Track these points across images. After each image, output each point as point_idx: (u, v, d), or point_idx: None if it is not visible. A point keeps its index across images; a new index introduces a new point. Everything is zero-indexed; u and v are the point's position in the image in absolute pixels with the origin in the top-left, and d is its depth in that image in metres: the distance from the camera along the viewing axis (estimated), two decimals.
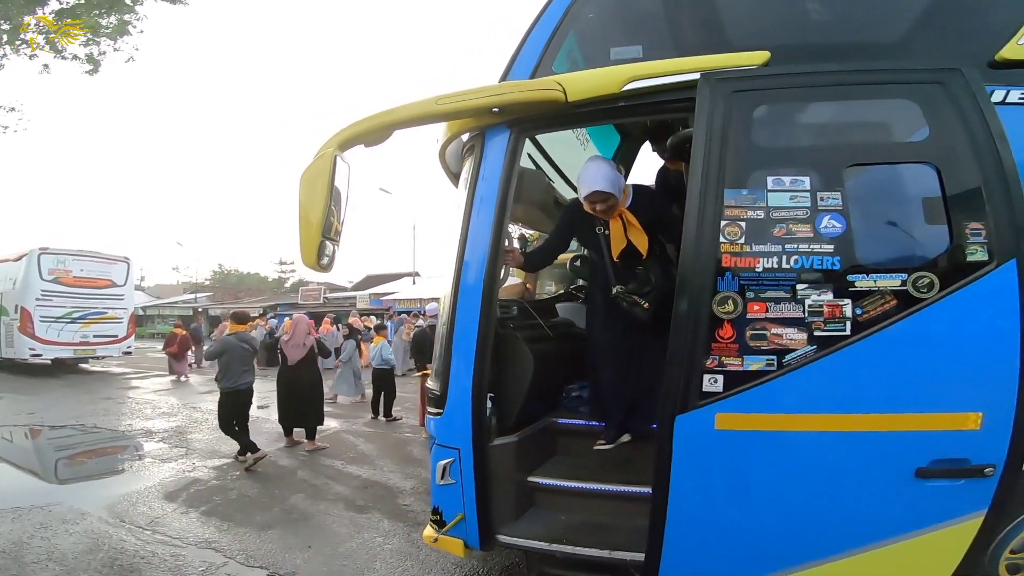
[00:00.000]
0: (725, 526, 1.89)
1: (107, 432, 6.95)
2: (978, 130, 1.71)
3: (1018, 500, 1.82)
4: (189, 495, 4.40)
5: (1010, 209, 1.66)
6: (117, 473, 5.13)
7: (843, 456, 1.77)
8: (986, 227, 1.67)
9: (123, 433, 6.88)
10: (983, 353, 1.67)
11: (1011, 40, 1.88)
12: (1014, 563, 1.97)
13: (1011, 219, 1.66)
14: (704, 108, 1.91)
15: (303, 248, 2.28)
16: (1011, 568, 1.98)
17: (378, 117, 2.37)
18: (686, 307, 1.84)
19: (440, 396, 2.43)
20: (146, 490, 4.49)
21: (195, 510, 4.03)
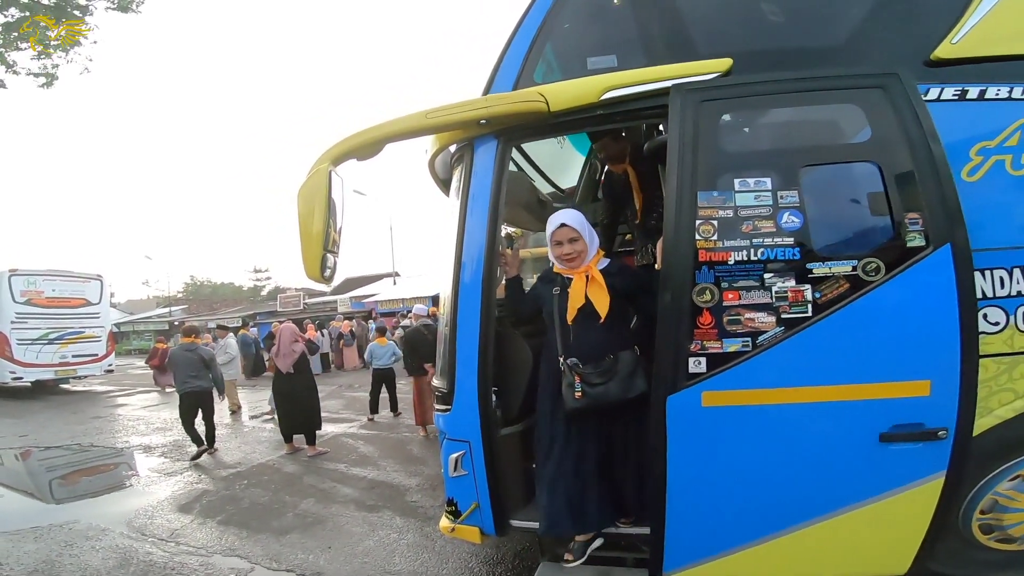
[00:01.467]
0: (718, 496, 2.09)
1: (105, 449, 6.98)
2: (913, 129, 1.93)
3: (977, 463, 2.05)
4: (202, 506, 4.50)
5: (942, 199, 1.89)
6: (125, 489, 5.20)
7: (815, 424, 1.98)
8: (922, 216, 1.90)
9: (121, 450, 6.90)
10: (926, 327, 1.90)
11: (944, 40, 2.09)
12: (986, 523, 2.20)
13: (944, 208, 1.89)
14: (676, 117, 2.09)
15: (306, 262, 2.40)
16: (984, 528, 2.21)
17: (370, 132, 2.48)
18: (670, 299, 2.04)
19: (447, 393, 2.57)
20: (159, 504, 4.59)
21: (212, 520, 4.14)
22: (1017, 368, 1.99)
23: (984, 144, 2.00)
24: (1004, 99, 2.01)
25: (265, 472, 5.43)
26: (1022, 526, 2.18)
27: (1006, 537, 2.22)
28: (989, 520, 2.19)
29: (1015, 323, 1.98)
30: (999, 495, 2.15)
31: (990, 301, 1.98)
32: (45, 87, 11.48)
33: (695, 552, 2.17)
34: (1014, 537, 2.21)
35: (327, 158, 2.45)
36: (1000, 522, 2.19)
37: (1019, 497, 2.14)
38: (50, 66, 11.11)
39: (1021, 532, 2.19)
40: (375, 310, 22.62)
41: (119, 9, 11.04)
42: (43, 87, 11.46)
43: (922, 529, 2.03)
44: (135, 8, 11.28)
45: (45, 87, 11.48)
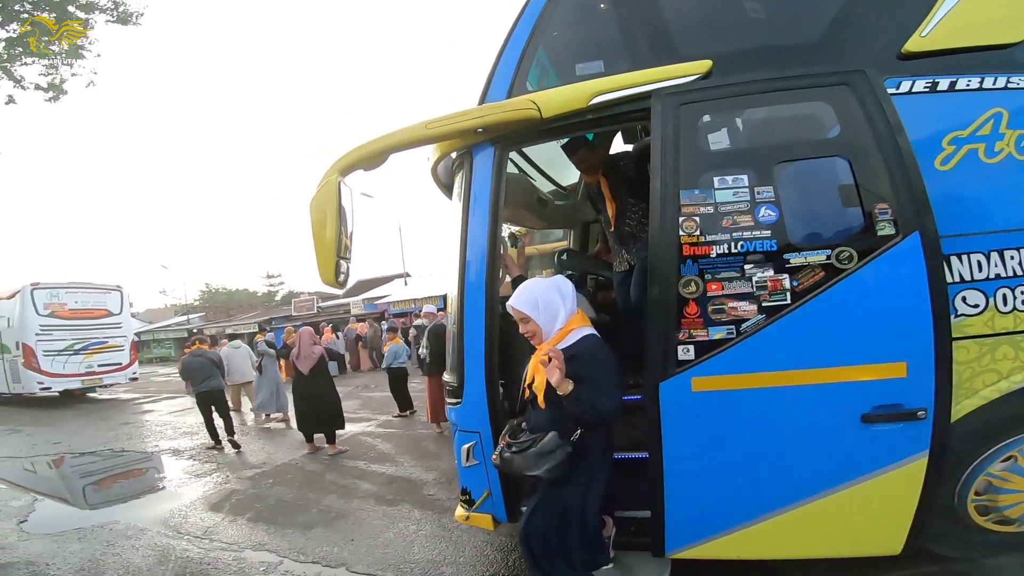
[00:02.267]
0: (712, 477, 2.20)
1: (136, 454, 7.27)
2: (879, 123, 2.04)
3: (967, 444, 2.12)
4: (232, 505, 4.72)
5: (910, 190, 2.00)
6: (159, 490, 5.45)
7: (800, 406, 2.08)
8: (891, 206, 2.01)
9: (152, 454, 7.19)
10: (899, 311, 1.99)
11: (914, 34, 2.17)
12: (982, 505, 2.26)
13: (911, 198, 1.99)
14: (657, 120, 2.22)
15: (321, 269, 2.54)
16: (981, 510, 2.27)
17: (374, 144, 2.60)
18: (658, 291, 2.18)
19: (457, 387, 2.70)
20: (192, 503, 4.82)
21: (241, 517, 4.35)
22: (999, 349, 2.07)
23: (956, 134, 2.09)
24: (975, 89, 2.10)
25: (289, 471, 5.64)
26: (1018, 507, 2.23)
27: (1003, 519, 2.27)
28: (984, 501, 2.25)
29: (995, 305, 2.06)
30: (992, 476, 2.21)
31: (969, 284, 2.07)
32: (52, 101, 11.79)
33: (695, 532, 2.28)
34: (1011, 518, 2.26)
35: (335, 169, 2.58)
36: (995, 503, 2.24)
37: (1012, 478, 2.20)
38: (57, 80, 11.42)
39: (1018, 513, 2.24)
40: (388, 311, 22.87)
41: (119, 22, 11.27)
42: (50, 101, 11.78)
43: (910, 510, 2.10)
44: (135, 21, 11.50)
45: (52, 101, 11.79)
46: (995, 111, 2.08)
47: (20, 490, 5.70)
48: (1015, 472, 2.20)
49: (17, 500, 5.33)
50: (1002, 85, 2.08)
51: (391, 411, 8.17)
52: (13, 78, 10.96)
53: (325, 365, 6.41)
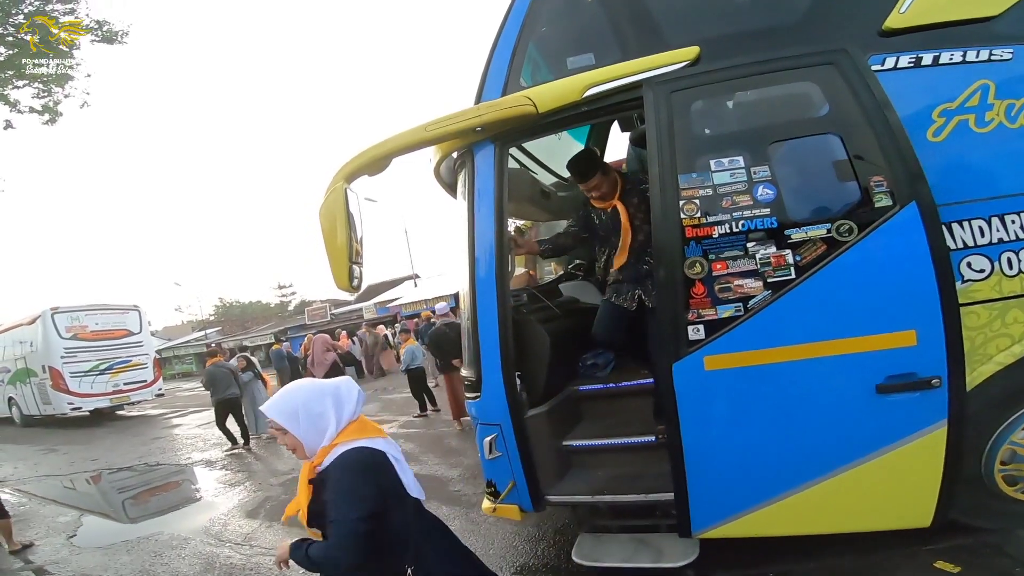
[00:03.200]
0: (732, 455, 2.23)
1: (172, 467, 7.51)
2: (866, 99, 2.07)
3: (987, 412, 2.12)
4: (267, 511, 4.85)
5: (903, 161, 2.03)
6: (196, 501, 5.64)
7: (813, 379, 2.10)
8: (886, 178, 2.04)
9: (185, 466, 7.41)
10: (903, 279, 2.02)
11: (893, 10, 2.18)
12: (1009, 475, 2.25)
13: (905, 169, 2.02)
14: (650, 108, 2.27)
15: (335, 275, 2.61)
16: (1008, 480, 2.26)
17: (375, 149, 2.65)
18: (664, 274, 2.23)
19: (476, 382, 2.76)
20: (229, 511, 4.99)
21: (277, 523, 4.47)
22: (1009, 313, 2.08)
23: (946, 106, 2.11)
24: (959, 63, 2.11)
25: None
26: None
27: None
28: (1011, 471, 2.24)
29: (1001, 268, 2.08)
30: (1016, 445, 2.20)
31: (972, 250, 2.09)
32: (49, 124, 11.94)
33: (719, 512, 2.32)
34: None
35: (340, 176, 2.64)
36: (1023, 472, 2.23)
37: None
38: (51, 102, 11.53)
39: None
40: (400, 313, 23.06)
41: (104, 41, 11.30)
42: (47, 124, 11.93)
43: (936, 481, 2.10)
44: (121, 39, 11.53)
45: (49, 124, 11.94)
46: (982, 83, 2.10)
47: (65, 507, 5.92)
48: None
49: (64, 516, 5.54)
50: (985, 58, 2.10)
51: (412, 411, 8.31)
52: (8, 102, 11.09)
53: (340, 371, 6.52)
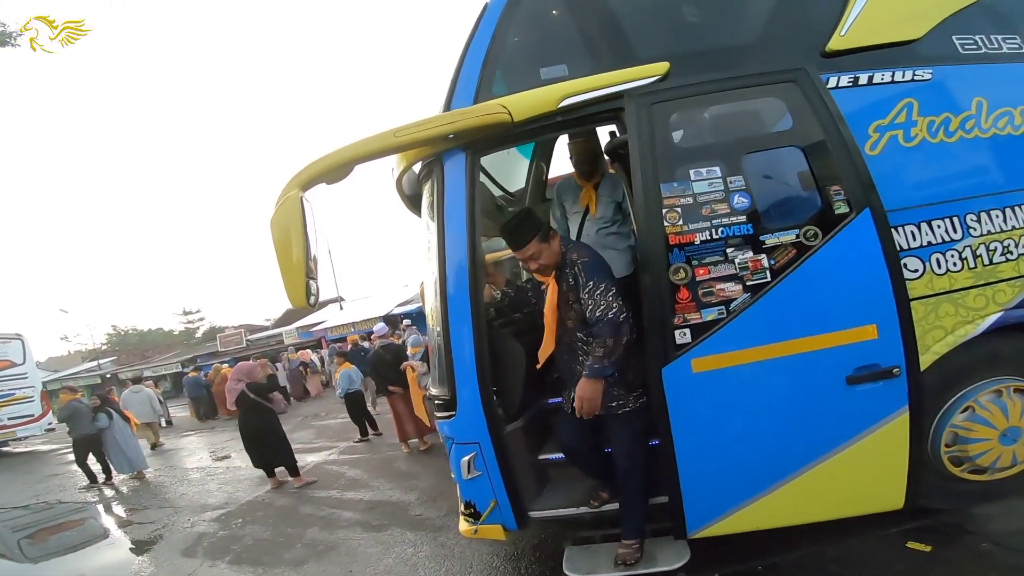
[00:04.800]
0: (722, 454, 2.31)
1: (75, 504, 6.67)
2: (822, 114, 2.28)
3: (930, 397, 2.32)
4: (205, 548, 4.41)
5: (855, 172, 2.25)
6: (114, 540, 5.04)
7: (792, 375, 2.25)
8: (843, 187, 2.25)
9: (93, 503, 6.60)
10: (862, 278, 2.22)
11: (835, 33, 2.42)
12: (954, 456, 2.45)
13: (858, 179, 2.25)
14: (632, 119, 2.34)
15: (290, 292, 2.42)
16: (954, 460, 2.46)
17: (337, 155, 2.49)
18: (650, 280, 2.29)
19: (449, 400, 2.64)
20: (160, 550, 4.46)
21: (221, 560, 4.07)
22: (941, 307, 2.32)
23: (879, 122, 2.36)
24: (888, 82, 2.38)
25: (257, 508, 5.33)
26: (987, 455, 2.40)
27: (976, 467, 2.45)
28: (956, 452, 2.44)
29: (931, 268, 2.32)
30: (956, 427, 2.41)
31: (907, 252, 2.32)
32: None
33: (712, 510, 2.39)
34: (983, 467, 2.43)
35: (295, 184, 2.44)
36: (966, 453, 2.42)
37: (974, 427, 2.39)
38: None
39: (988, 461, 2.41)
40: (324, 338, 22.02)
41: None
42: None
43: (904, 463, 2.29)
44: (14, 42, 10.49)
45: None
46: (907, 101, 2.36)
47: None
48: (976, 421, 2.39)
49: None
50: (910, 78, 2.39)
51: (351, 436, 7.87)
52: None
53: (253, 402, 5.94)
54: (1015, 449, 2.42)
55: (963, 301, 2.33)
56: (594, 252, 2.55)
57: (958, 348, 2.31)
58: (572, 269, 2.46)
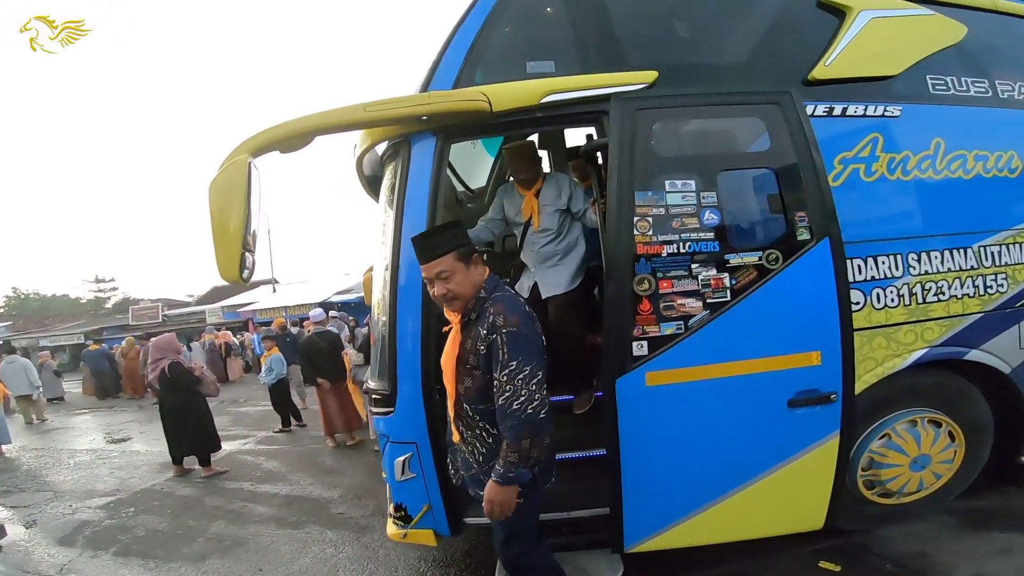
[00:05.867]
0: (665, 469, 2.30)
1: None
2: (799, 140, 2.33)
3: (857, 422, 2.42)
4: (86, 538, 3.98)
5: (821, 200, 2.31)
6: None
7: (739, 394, 2.27)
8: (807, 214, 2.31)
9: None
10: (814, 306, 2.29)
11: (819, 62, 2.49)
12: (868, 479, 2.59)
13: (822, 207, 2.31)
14: (616, 122, 2.29)
15: (221, 262, 2.22)
16: (867, 484, 2.59)
17: (299, 122, 2.34)
18: (613, 288, 2.24)
19: (389, 395, 2.50)
20: (31, 538, 3.96)
21: (105, 552, 3.68)
22: (875, 340, 2.44)
23: (844, 154, 2.45)
24: (860, 116, 2.48)
25: (154, 497, 4.88)
26: (896, 480, 2.57)
27: (886, 491, 2.61)
28: (870, 476, 2.58)
29: (871, 302, 2.44)
30: (873, 452, 2.55)
31: (853, 285, 2.41)
32: None
33: (651, 525, 2.37)
34: (892, 491, 2.60)
35: (246, 148, 2.26)
36: (879, 477, 2.57)
37: (889, 454, 2.55)
38: None
39: (898, 486, 2.58)
40: (252, 319, 20.78)
41: None
42: None
43: (829, 485, 2.37)
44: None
45: None
46: (873, 136, 2.48)
47: None
48: (891, 448, 2.55)
49: None
50: (880, 113, 2.50)
51: (271, 426, 7.39)
52: None
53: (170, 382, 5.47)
54: (922, 476, 2.60)
55: (895, 336, 2.46)
56: (527, 319, 1.84)
57: (884, 379, 2.45)
58: (491, 332, 1.80)
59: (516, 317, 1.81)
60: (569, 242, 3.17)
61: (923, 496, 2.68)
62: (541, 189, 3.14)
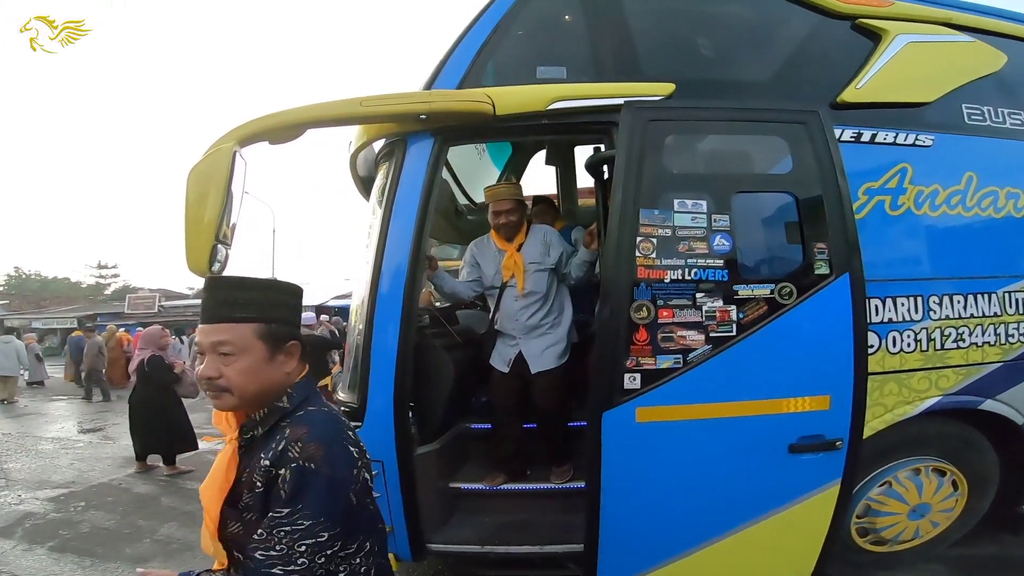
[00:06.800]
0: (649, 511, 2.12)
1: None
2: (826, 165, 2.15)
3: (859, 469, 2.25)
4: (26, 530, 3.79)
5: (844, 232, 2.12)
6: None
7: (736, 437, 2.09)
8: (828, 246, 2.12)
9: None
10: (827, 347, 2.10)
11: (850, 85, 2.35)
12: (862, 527, 2.44)
13: (845, 240, 2.12)
14: (625, 132, 2.13)
15: (190, 253, 2.05)
16: (860, 531, 2.45)
17: (292, 113, 2.23)
18: (609, 314, 2.05)
19: (358, 409, 2.33)
20: None
21: (40, 546, 3.53)
22: (887, 385, 2.27)
23: (870, 184, 2.29)
24: (889, 143, 2.32)
25: (108, 492, 4.63)
26: (892, 528, 2.44)
27: (879, 539, 2.47)
28: (864, 524, 2.44)
29: (886, 346, 2.27)
30: (871, 500, 2.40)
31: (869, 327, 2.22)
32: None
33: (626, 568, 2.18)
34: (885, 539, 2.47)
35: (233, 136, 2.14)
36: (874, 525, 2.43)
37: (888, 502, 2.41)
38: None
39: (893, 534, 2.45)
40: None
41: None
42: None
43: (823, 534, 2.20)
44: None
45: None
46: (902, 166, 2.31)
47: None
48: (891, 496, 2.41)
49: None
50: (911, 141, 2.33)
51: None
52: None
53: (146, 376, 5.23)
54: (919, 524, 2.48)
55: (908, 382, 2.30)
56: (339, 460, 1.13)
57: (892, 426, 2.28)
58: (275, 463, 1.10)
59: (322, 451, 1.10)
60: (558, 306, 2.80)
61: (917, 544, 2.55)
62: (525, 243, 2.77)
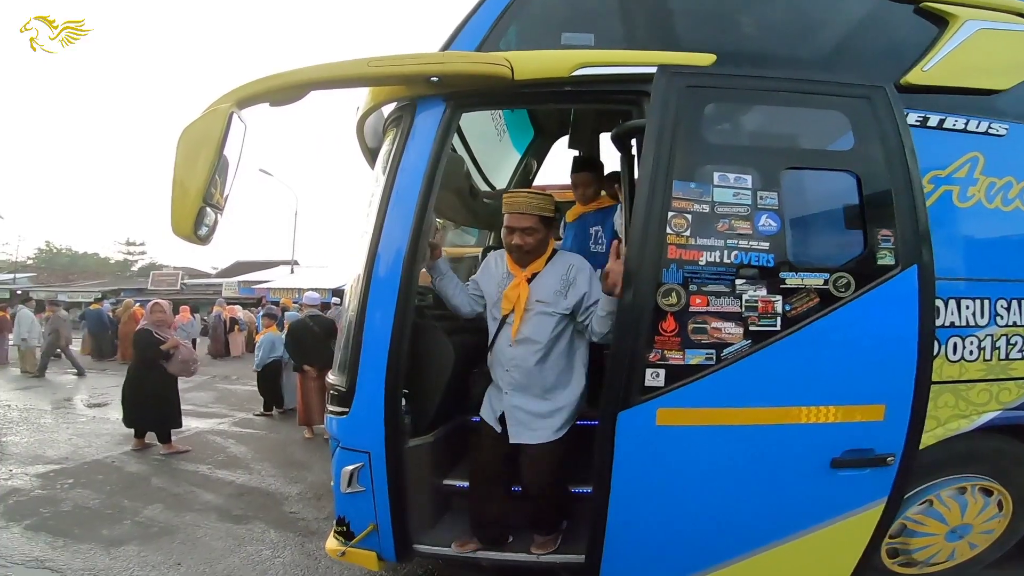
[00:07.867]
0: (664, 524, 1.91)
1: None
2: (894, 145, 1.88)
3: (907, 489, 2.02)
4: (8, 507, 3.70)
5: (914, 219, 1.84)
6: None
7: (771, 448, 1.84)
8: (894, 234, 1.84)
9: None
10: (887, 349, 1.83)
11: (916, 66, 2.10)
12: (893, 547, 2.22)
13: (915, 229, 1.84)
14: (658, 99, 1.89)
15: (175, 215, 1.90)
16: (891, 552, 2.23)
17: (295, 74, 2.07)
18: (632, 298, 1.80)
19: (346, 393, 2.16)
20: None
21: (17, 524, 3.40)
22: (941, 397, 2.01)
23: (936, 173, 2.02)
24: (960, 130, 2.06)
25: (99, 470, 4.51)
26: (926, 550, 2.23)
27: (909, 561, 2.26)
28: (896, 544, 2.22)
29: (945, 353, 2.00)
30: (908, 519, 2.18)
31: None
32: None
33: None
34: (916, 561, 2.25)
35: (232, 97, 1.99)
36: (907, 546, 2.22)
37: (928, 522, 2.19)
38: None
39: (925, 556, 2.24)
40: (265, 297, 20.84)
41: None
42: None
43: (857, 557, 1.98)
44: None
45: None
46: (973, 155, 2.05)
47: None
48: (930, 516, 2.19)
49: None
50: (984, 129, 2.07)
51: (253, 407, 7.03)
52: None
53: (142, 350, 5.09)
54: (956, 546, 2.27)
55: (966, 394, 2.05)
56: None
57: (944, 440, 2.04)
58: None
59: None
60: (565, 364, 2.17)
61: (949, 567, 2.32)
62: (540, 273, 2.19)
